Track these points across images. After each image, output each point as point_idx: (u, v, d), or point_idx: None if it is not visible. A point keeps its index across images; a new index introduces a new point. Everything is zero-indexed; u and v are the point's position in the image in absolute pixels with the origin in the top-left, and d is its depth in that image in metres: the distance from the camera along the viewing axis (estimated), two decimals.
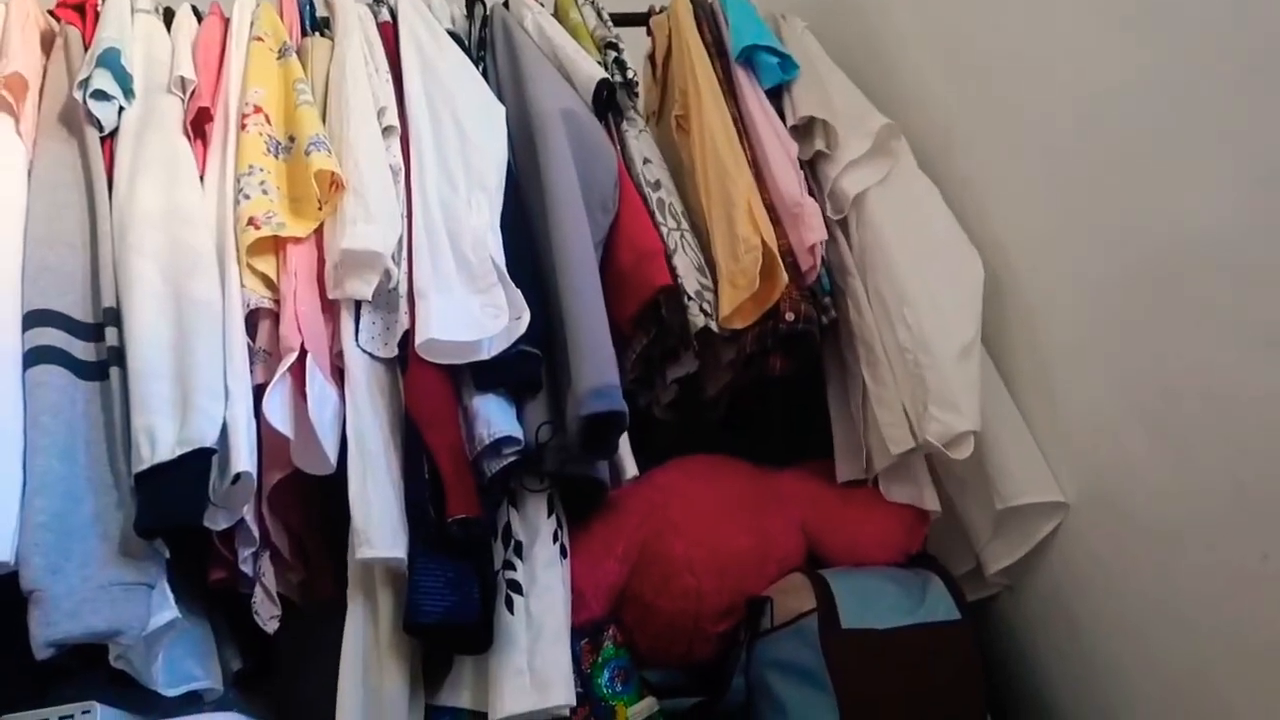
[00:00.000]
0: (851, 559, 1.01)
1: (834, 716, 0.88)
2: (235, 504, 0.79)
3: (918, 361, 0.95)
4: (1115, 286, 0.85)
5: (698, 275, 0.98)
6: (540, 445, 0.86)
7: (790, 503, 1.04)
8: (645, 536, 0.98)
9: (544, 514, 0.90)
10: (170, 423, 0.77)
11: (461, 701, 0.86)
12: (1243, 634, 0.74)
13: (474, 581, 0.81)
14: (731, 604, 0.99)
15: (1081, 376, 0.92)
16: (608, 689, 0.90)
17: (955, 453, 0.92)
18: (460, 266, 0.89)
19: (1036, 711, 1.02)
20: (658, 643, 0.99)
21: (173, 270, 0.84)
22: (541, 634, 0.84)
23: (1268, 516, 0.71)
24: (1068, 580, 0.95)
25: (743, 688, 0.96)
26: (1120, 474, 0.87)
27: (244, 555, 0.83)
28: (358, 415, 0.84)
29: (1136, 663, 0.87)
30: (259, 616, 0.85)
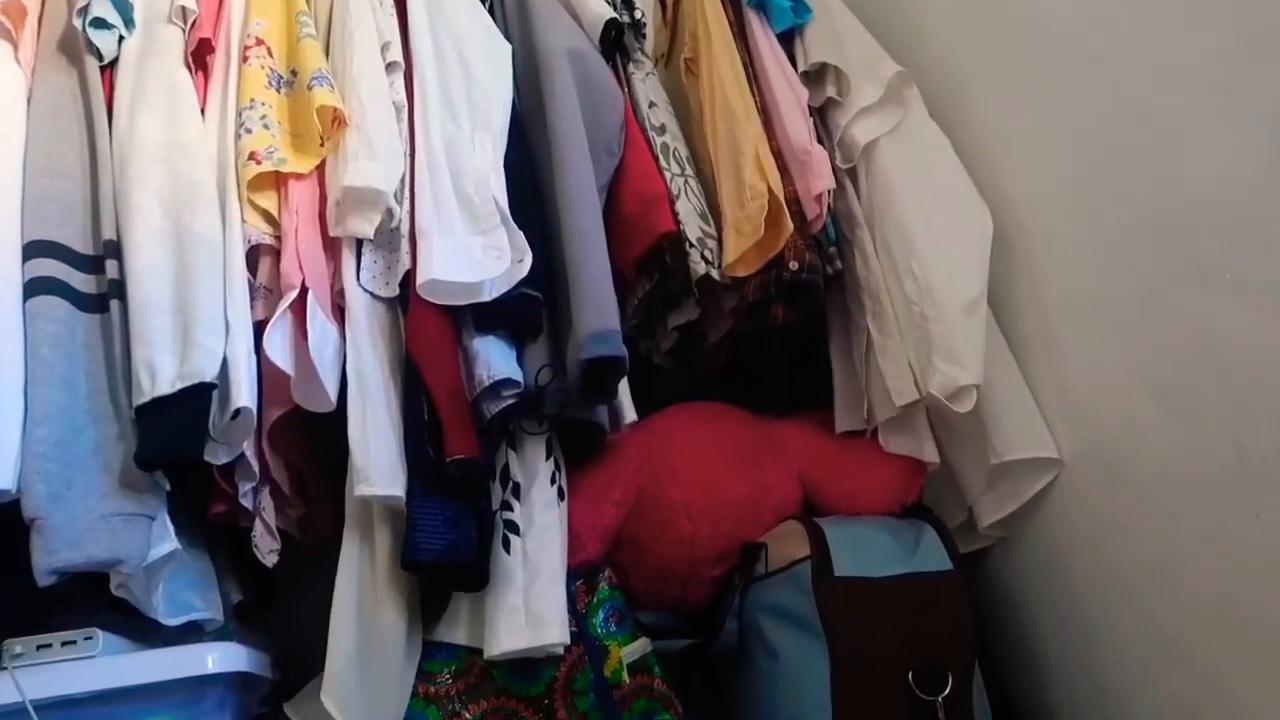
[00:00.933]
0: (847, 509, 1.02)
1: (824, 661, 0.89)
2: (235, 439, 0.79)
3: (923, 314, 0.94)
4: (1124, 245, 0.84)
5: (700, 222, 0.98)
6: (540, 388, 0.86)
7: (788, 452, 1.05)
8: (643, 481, 0.98)
9: (542, 456, 0.91)
10: (170, 357, 0.77)
11: (457, 638, 0.87)
12: (1232, 593, 0.75)
13: (471, 521, 0.82)
14: (726, 549, 1.00)
15: (1085, 334, 0.91)
16: (602, 629, 0.91)
17: (958, 406, 0.92)
18: (463, 207, 0.89)
19: (1025, 663, 1.03)
20: (652, 585, 1.00)
21: (173, 204, 0.83)
22: (538, 574, 0.85)
23: (1263, 475, 0.71)
24: (1062, 535, 0.96)
25: (735, 631, 0.98)
26: (1119, 432, 0.87)
27: (244, 490, 0.84)
28: (358, 354, 0.84)
29: (1126, 619, 0.88)
30: (259, 550, 0.86)
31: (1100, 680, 0.92)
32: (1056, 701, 0.99)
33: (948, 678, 0.89)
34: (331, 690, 0.77)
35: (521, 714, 0.86)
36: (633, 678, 0.91)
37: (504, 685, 0.86)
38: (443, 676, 0.86)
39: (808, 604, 0.91)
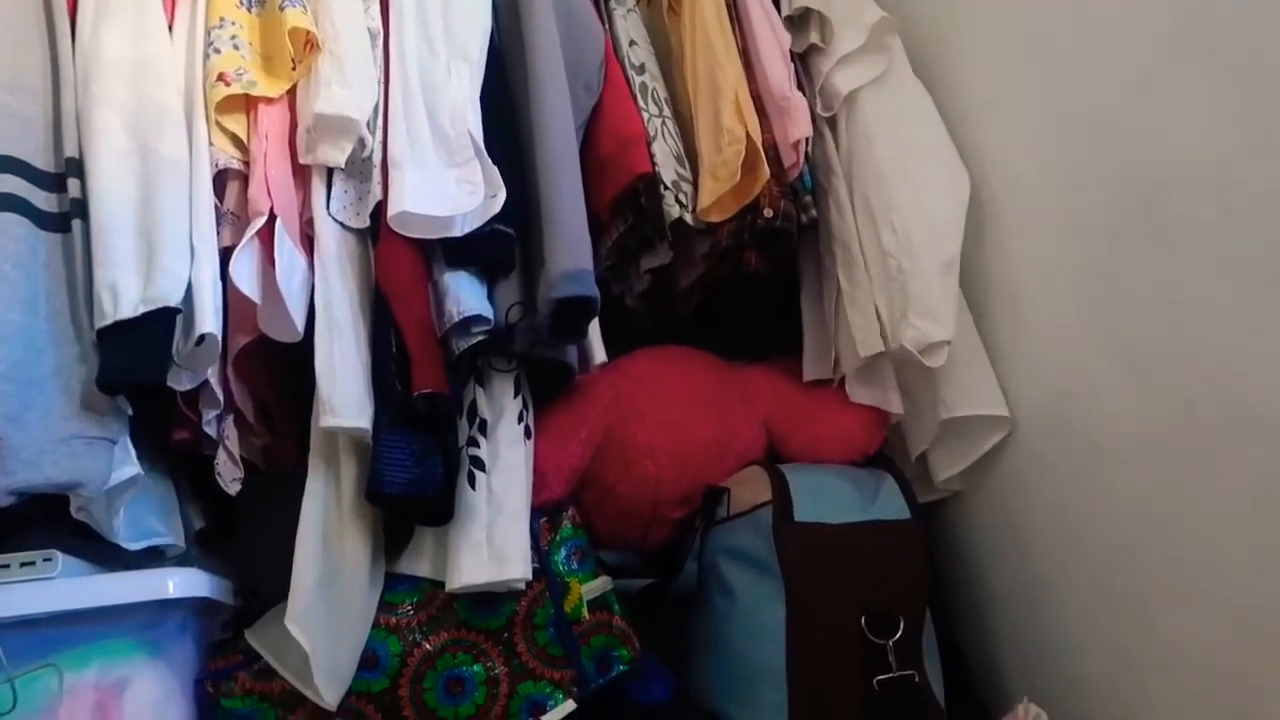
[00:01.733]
0: (811, 456, 1.03)
1: (780, 603, 0.91)
2: (199, 366, 0.79)
3: (901, 268, 0.95)
4: (1094, 206, 0.85)
5: (676, 165, 0.97)
6: (510, 326, 0.86)
7: (755, 398, 1.06)
8: (610, 422, 0.99)
9: (510, 394, 0.91)
10: (134, 279, 0.76)
11: (420, 571, 0.88)
12: (1178, 548, 0.77)
13: (438, 456, 0.82)
14: (690, 492, 1.01)
15: (1049, 293, 0.92)
16: (564, 566, 0.92)
17: (930, 361, 0.93)
18: (437, 139, 0.87)
19: (975, 611, 1.06)
20: (615, 525, 1.01)
21: (138, 124, 0.81)
22: (502, 510, 0.86)
23: (1212, 435, 0.73)
24: (1018, 491, 0.98)
25: (695, 572, 0.99)
26: (1079, 392, 0.88)
27: (208, 417, 0.83)
28: (326, 284, 0.83)
29: (1074, 571, 0.90)
30: (221, 478, 0.85)
31: (1046, 629, 0.94)
32: (1003, 648, 1.02)
33: (899, 623, 0.91)
34: (296, 617, 0.77)
35: (481, 646, 0.88)
36: (592, 614, 0.92)
37: (465, 618, 0.87)
38: (404, 608, 0.87)
39: (767, 547, 0.93)
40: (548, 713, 0.89)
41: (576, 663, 0.90)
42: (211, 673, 0.82)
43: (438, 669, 0.86)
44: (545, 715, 0.88)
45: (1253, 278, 0.68)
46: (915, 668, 0.91)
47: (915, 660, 0.92)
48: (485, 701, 0.87)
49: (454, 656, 0.87)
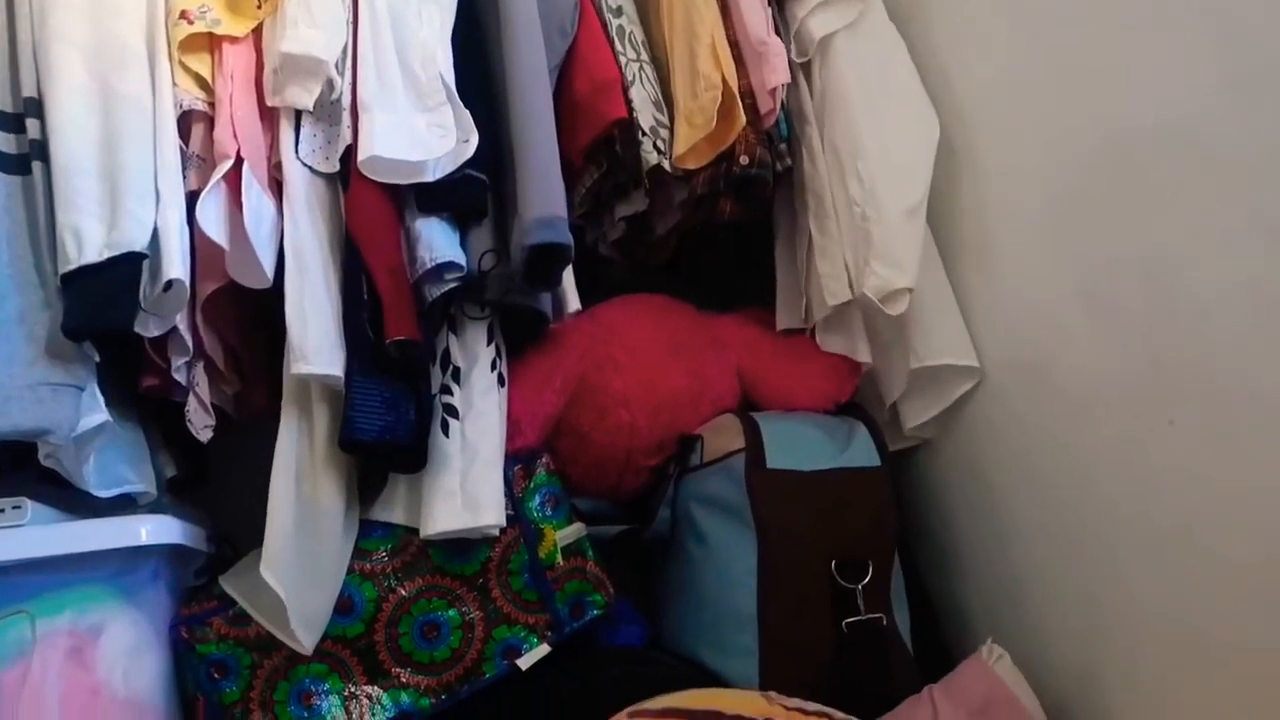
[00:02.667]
0: (783, 404, 1.04)
1: (752, 549, 0.92)
2: (167, 311, 0.77)
3: (865, 215, 0.95)
4: (1071, 158, 0.85)
5: (654, 110, 0.96)
6: (483, 273, 0.85)
7: (728, 347, 1.06)
8: (584, 370, 0.99)
9: (483, 342, 0.90)
10: (98, 224, 0.74)
11: (394, 517, 0.88)
12: (1140, 495, 0.79)
13: (410, 403, 0.82)
14: (664, 440, 1.02)
15: (1023, 244, 0.92)
16: (538, 513, 0.93)
17: (890, 308, 0.93)
18: (407, 81, 0.86)
19: (943, 557, 1.08)
20: (589, 473, 1.02)
21: (98, 61, 0.79)
22: (475, 458, 0.86)
23: (1177, 387, 0.74)
24: (987, 439, 0.99)
25: (668, 519, 1.00)
26: (1049, 342, 0.89)
27: (177, 364, 0.82)
28: (296, 230, 0.82)
29: (1040, 518, 0.92)
30: (192, 425, 0.85)
31: (1011, 574, 0.96)
32: (969, 592, 1.05)
33: (868, 567, 0.93)
34: (270, 564, 0.77)
35: (456, 591, 0.88)
36: (566, 560, 0.93)
37: (439, 564, 0.88)
38: (379, 554, 0.87)
39: (739, 494, 0.94)
40: (522, 656, 0.90)
41: (551, 608, 0.92)
42: (186, 618, 0.83)
43: (413, 614, 0.87)
44: (520, 659, 0.90)
45: (1223, 231, 0.69)
46: (883, 611, 0.93)
47: (883, 604, 0.94)
48: (460, 645, 0.88)
49: (429, 602, 0.87)
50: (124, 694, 0.77)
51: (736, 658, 0.92)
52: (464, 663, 0.88)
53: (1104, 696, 0.84)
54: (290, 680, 0.84)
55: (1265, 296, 0.66)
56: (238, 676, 0.82)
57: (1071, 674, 0.87)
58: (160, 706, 0.80)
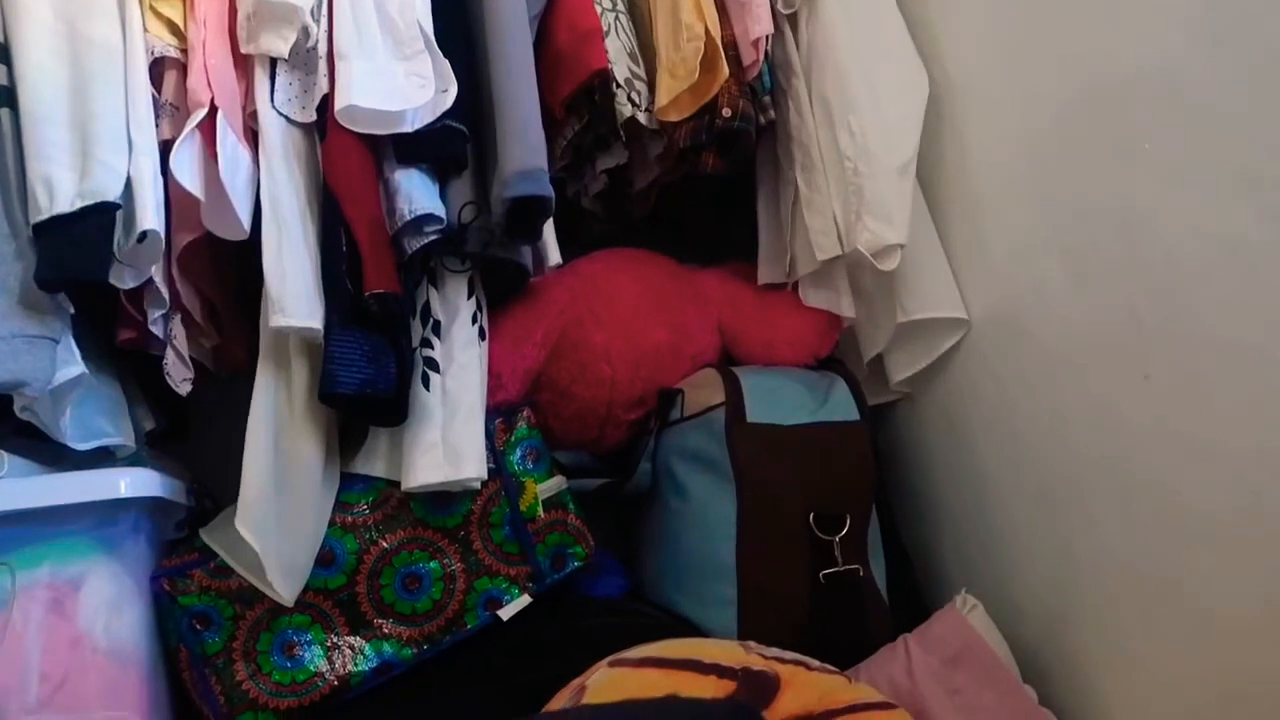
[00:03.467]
0: (764, 359, 1.04)
1: (731, 502, 0.93)
2: (142, 263, 0.76)
3: (857, 170, 0.94)
4: (1055, 113, 0.84)
5: (629, 62, 0.95)
6: (463, 225, 0.84)
7: (709, 301, 1.06)
8: (565, 324, 0.99)
9: (464, 295, 0.90)
10: (69, 173, 0.73)
11: (376, 471, 0.88)
12: (1115, 448, 0.80)
13: (391, 356, 0.82)
14: (644, 394, 1.02)
15: (1006, 199, 0.92)
16: (519, 466, 0.93)
17: (883, 264, 0.93)
18: (385, 29, 0.84)
19: (920, 510, 1.10)
20: (570, 426, 1.02)
21: (66, 6, 0.77)
22: (457, 411, 0.86)
23: (1153, 343, 0.75)
24: (966, 393, 1.00)
25: (649, 473, 1.01)
26: (1029, 296, 0.89)
27: (154, 317, 0.81)
28: (272, 181, 0.81)
29: (1016, 471, 0.93)
30: (171, 379, 0.84)
31: (987, 526, 0.98)
32: (945, 544, 1.06)
33: (846, 520, 0.94)
34: (246, 519, 0.77)
35: (438, 544, 0.89)
36: (547, 513, 0.94)
37: (421, 517, 0.88)
38: (360, 507, 0.88)
39: (719, 448, 0.94)
40: (504, 607, 0.91)
41: (532, 559, 0.92)
42: (167, 570, 0.83)
43: (394, 566, 0.87)
44: (501, 609, 0.91)
45: (1199, 182, 0.69)
46: (860, 562, 0.95)
47: (860, 555, 0.95)
48: (442, 596, 0.89)
49: (410, 554, 0.88)
50: (105, 645, 0.77)
51: (715, 608, 0.93)
52: (446, 614, 0.89)
53: (1074, 644, 0.86)
54: (273, 631, 0.84)
55: (1241, 250, 0.66)
56: (220, 627, 0.83)
57: (1043, 623, 0.89)
58: (142, 657, 0.80)
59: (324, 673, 0.85)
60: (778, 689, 0.75)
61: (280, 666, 0.84)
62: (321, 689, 0.85)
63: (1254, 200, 0.65)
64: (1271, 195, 0.64)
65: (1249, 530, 0.67)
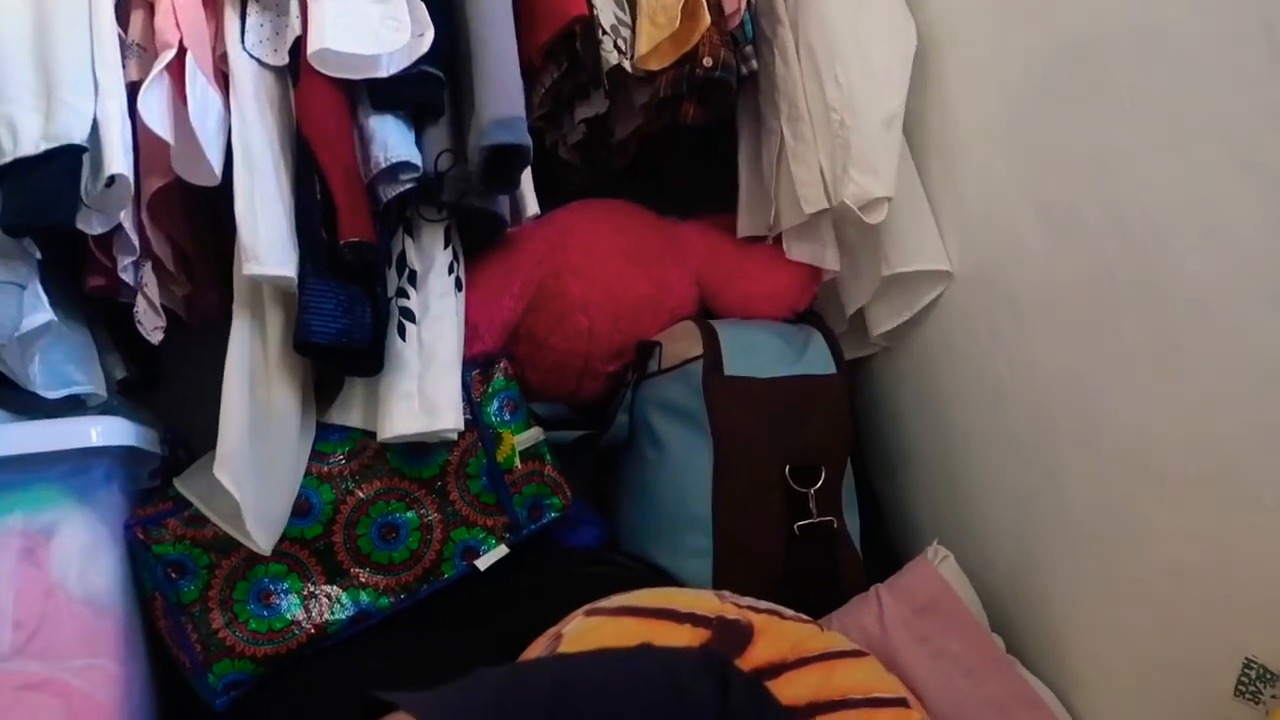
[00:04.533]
0: (742, 312, 1.04)
1: (707, 454, 0.94)
2: (111, 208, 0.75)
3: (843, 123, 0.93)
4: (1037, 66, 0.84)
5: (615, 8, 0.93)
6: (439, 174, 0.83)
7: (688, 253, 1.06)
8: (543, 275, 0.98)
9: (440, 245, 0.89)
10: (33, 115, 0.71)
11: (351, 421, 0.88)
12: (1084, 402, 0.81)
13: (366, 306, 0.81)
14: (622, 346, 1.02)
15: (988, 153, 0.92)
16: (496, 417, 0.93)
17: (869, 217, 0.93)
18: None
19: (893, 463, 1.11)
20: (548, 378, 1.02)
21: None
22: (433, 362, 0.86)
23: (1128, 300, 0.75)
24: (940, 347, 1.01)
25: (626, 425, 1.01)
26: (1007, 252, 0.90)
27: (123, 264, 0.80)
28: (244, 125, 0.79)
29: (987, 425, 0.94)
30: (142, 327, 0.83)
31: (958, 479, 0.99)
32: (917, 496, 1.08)
33: (821, 472, 0.95)
34: (225, 466, 0.77)
35: (415, 494, 0.89)
36: (524, 464, 0.94)
37: (397, 467, 0.88)
38: (336, 457, 0.87)
39: (696, 401, 0.95)
40: (481, 557, 0.91)
41: (509, 510, 0.93)
42: (141, 519, 0.82)
43: (371, 516, 0.87)
44: (479, 559, 0.91)
45: (1178, 141, 0.69)
46: (834, 514, 0.96)
47: (835, 507, 0.97)
48: (419, 547, 0.89)
49: (387, 504, 0.88)
50: (79, 593, 0.77)
51: (691, 559, 0.94)
52: (423, 563, 0.89)
53: (1039, 595, 0.88)
54: (249, 580, 0.84)
55: (1217, 212, 0.66)
56: (195, 576, 0.83)
57: (1010, 573, 0.91)
58: (117, 605, 0.80)
59: (300, 621, 0.85)
60: (751, 638, 0.77)
61: (257, 615, 0.84)
62: (298, 637, 0.85)
63: (1233, 160, 0.65)
64: (1251, 155, 0.64)
65: (1211, 489, 0.68)
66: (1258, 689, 0.66)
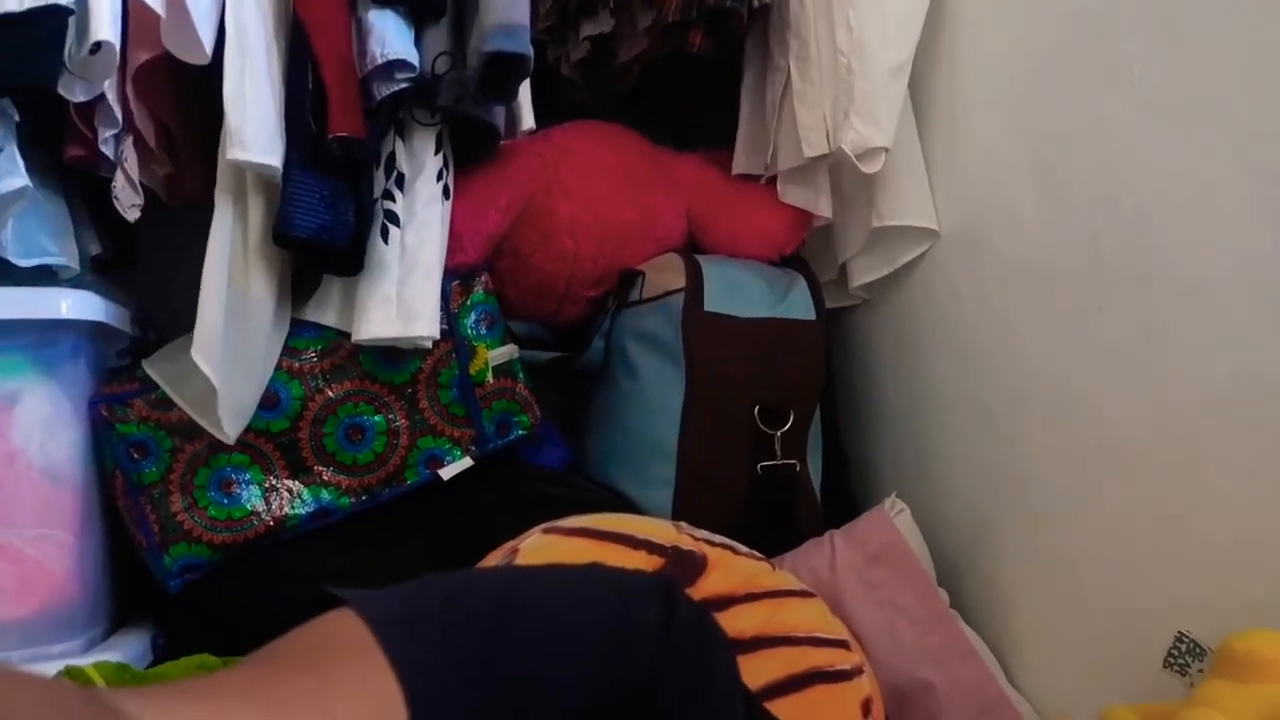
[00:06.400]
0: (729, 249, 1.04)
1: (680, 387, 0.94)
2: (94, 76, 0.73)
3: (850, 68, 0.92)
4: (1044, 31, 0.83)
5: None
6: (435, 76, 0.81)
7: (681, 185, 1.05)
8: (532, 192, 0.97)
9: (431, 150, 0.87)
10: None
11: (327, 319, 0.87)
12: (1057, 375, 0.81)
13: (350, 204, 0.80)
14: (606, 272, 1.01)
15: (988, 114, 0.91)
16: (472, 330, 0.93)
17: (866, 166, 0.92)
18: None
19: (862, 415, 1.12)
20: (528, 297, 1.01)
21: None
22: (414, 267, 0.85)
23: (1112, 272, 0.75)
24: (922, 304, 1.01)
25: (601, 350, 1.01)
26: (997, 215, 0.89)
27: (104, 136, 0.78)
28: (239, 5, 0.77)
29: (959, 388, 0.95)
30: (119, 203, 0.81)
31: (924, 436, 1.00)
32: (882, 449, 1.09)
33: (790, 416, 0.96)
34: (202, 349, 0.76)
35: (384, 398, 0.89)
36: (497, 380, 0.94)
37: (369, 370, 0.88)
38: (308, 354, 0.87)
39: (674, 333, 0.95)
40: (445, 467, 0.92)
41: (477, 423, 0.93)
42: (106, 397, 0.82)
43: (339, 415, 0.87)
44: (442, 469, 0.92)
45: (1182, 121, 0.69)
46: (798, 458, 0.97)
47: (799, 451, 0.98)
48: (384, 451, 0.89)
49: (355, 405, 0.88)
50: (40, 463, 0.77)
51: (653, 488, 0.95)
52: (387, 467, 0.90)
53: (992, 555, 0.89)
54: (211, 467, 0.84)
55: (1209, 197, 0.66)
56: (158, 458, 0.83)
57: (966, 532, 0.93)
58: (77, 479, 0.80)
59: (260, 512, 0.86)
60: (704, 569, 0.78)
61: (217, 502, 0.85)
62: (257, 528, 0.86)
63: (1231, 140, 0.65)
64: (1249, 143, 0.63)
65: (1175, 468, 0.69)
66: (1186, 662, 0.68)
